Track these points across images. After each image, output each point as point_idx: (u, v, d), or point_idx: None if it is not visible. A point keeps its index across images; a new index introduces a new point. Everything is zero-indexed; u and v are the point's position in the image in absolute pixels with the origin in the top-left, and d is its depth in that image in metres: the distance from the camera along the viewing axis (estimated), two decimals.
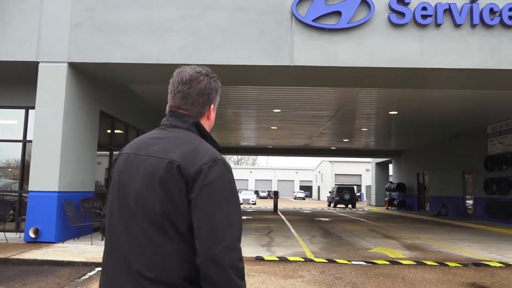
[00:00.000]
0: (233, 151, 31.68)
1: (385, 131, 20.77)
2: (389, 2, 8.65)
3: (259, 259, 7.83)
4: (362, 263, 7.76)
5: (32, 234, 8.52)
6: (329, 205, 37.29)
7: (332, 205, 36.04)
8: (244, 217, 18.65)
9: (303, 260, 7.86)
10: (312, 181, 76.80)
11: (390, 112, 15.54)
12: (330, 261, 7.86)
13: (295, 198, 61.60)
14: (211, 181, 1.25)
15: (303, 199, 60.90)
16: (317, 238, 11.57)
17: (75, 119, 9.38)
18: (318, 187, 68.42)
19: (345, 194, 34.11)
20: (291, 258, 7.97)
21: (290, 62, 8.69)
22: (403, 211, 26.66)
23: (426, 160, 25.67)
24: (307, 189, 76.32)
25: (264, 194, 62.13)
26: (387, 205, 30.92)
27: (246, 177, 77.38)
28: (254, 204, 36.64)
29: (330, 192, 37.89)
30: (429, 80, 9.64)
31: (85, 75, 9.71)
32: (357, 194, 44.36)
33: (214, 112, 1.51)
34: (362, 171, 59.38)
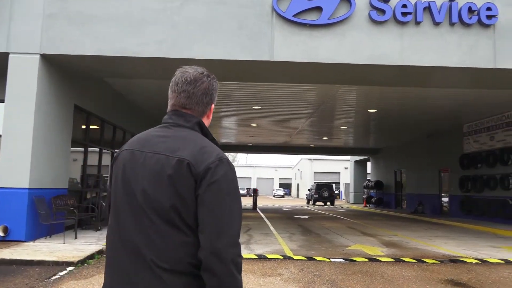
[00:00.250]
0: None
1: (364, 129, 20.93)
2: None
3: None
4: (341, 261, 7.73)
5: (1, 233, 8.19)
6: (308, 203, 37.51)
7: (311, 203, 36.25)
8: None
9: (282, 258, 7.78)
10: (292, 179, 77.21)
11: (369, 110, 15.63)
12: (309, 259, 7.81)
13: (275, 196, 61.80)
14: (218, 179, 1.32)
15: (283, 197, 61.16)
16: (296, 236, 11.53)
17: (48, 114, 9.04)
18: (297, 185, 68.78)
19: (324, 192, 34.37)
20: (270, 256, 7.87)
21: (270, 58, 8.57)
22: (381, 209, 26.97)
23: (404, 158, 26.03)
24: (287, 187, 76.67)
25: (244, 192, 62.01)
26: (365, 203, 31.26)
27: None
28: None
29: (309, 190, 38.13)
30: (409, 78, 9.68)
31: (59, 68, 9.37)
32: (336, 192, 44.71)
33: (212, 111, 1.59)
34: (341, 169, 60.04)
